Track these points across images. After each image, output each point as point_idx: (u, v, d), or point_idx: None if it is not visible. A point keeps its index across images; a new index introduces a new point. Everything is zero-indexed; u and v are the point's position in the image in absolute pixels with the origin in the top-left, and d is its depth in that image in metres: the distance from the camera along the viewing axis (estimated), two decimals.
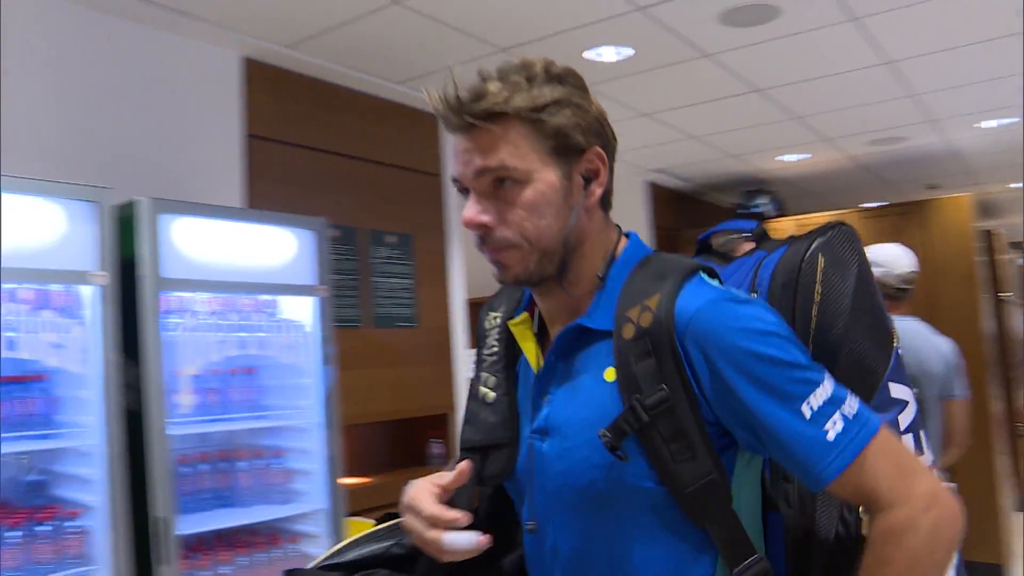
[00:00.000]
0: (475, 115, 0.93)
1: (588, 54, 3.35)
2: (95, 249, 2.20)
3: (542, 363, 1.02)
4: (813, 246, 0.99)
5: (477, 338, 1.14)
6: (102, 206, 2.22)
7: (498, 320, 1.10)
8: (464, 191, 0.98)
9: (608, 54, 3.37)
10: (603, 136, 1.00)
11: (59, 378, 2.24)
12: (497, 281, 1.03)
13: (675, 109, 4.21)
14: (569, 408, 0.97)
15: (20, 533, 2.07)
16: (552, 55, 1.00)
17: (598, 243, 1.01)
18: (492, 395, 1.06)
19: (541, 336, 1.06)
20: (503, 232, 0.96)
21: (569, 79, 0.98)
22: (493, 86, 0.94)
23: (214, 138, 3.07)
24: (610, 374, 0.93)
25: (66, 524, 2.15)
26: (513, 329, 1.05)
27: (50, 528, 2.11)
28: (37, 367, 2.18)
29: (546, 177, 0.95)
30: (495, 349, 1.09)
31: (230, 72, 3.15)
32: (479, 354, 1.11)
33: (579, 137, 0.96)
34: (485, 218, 0.96)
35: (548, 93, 0.95)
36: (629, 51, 3.35)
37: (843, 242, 1.01)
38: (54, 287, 2.20)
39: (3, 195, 2.02)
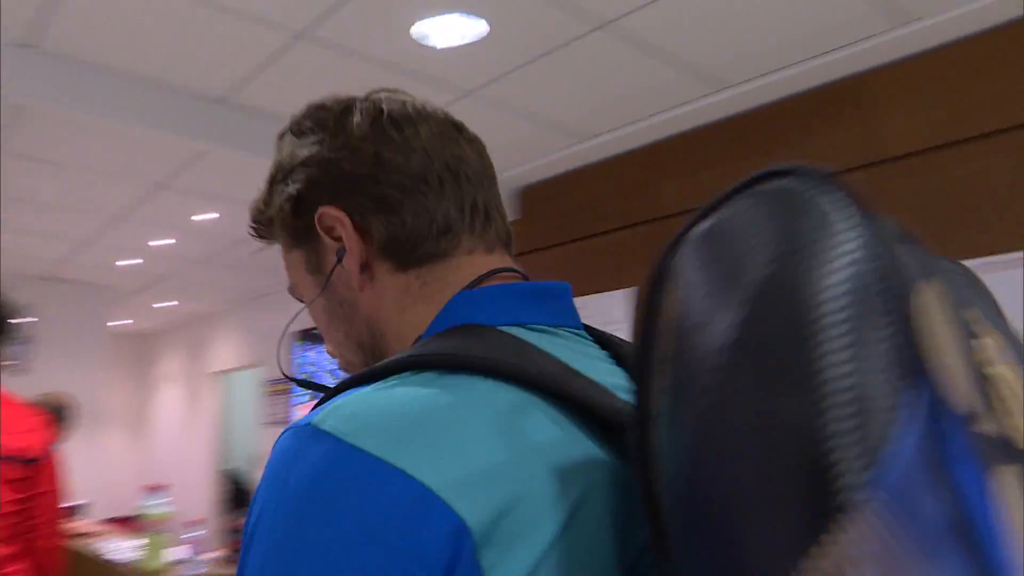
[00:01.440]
0: (256, 235, 0.74)
1: None
2: None
3: None
4: None
5: None
6: None
7: None
8: None
9: None
10: (340, 177, 0.64)
11: None
12: None
13: None
14: None
15: None
16: None
17: (404, 328, 0.63)
18: None
19: None
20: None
21: (312, 118, 0.68)
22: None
23: None
24: None
25: None
26: None
27: None
28: None
29: (307, 281, 0.70)
30: None
31: None
32: None
33: (296, 211, 0.66)
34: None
35: (272, 171, 0.70)
36: None
37: None
38: None
39: None
